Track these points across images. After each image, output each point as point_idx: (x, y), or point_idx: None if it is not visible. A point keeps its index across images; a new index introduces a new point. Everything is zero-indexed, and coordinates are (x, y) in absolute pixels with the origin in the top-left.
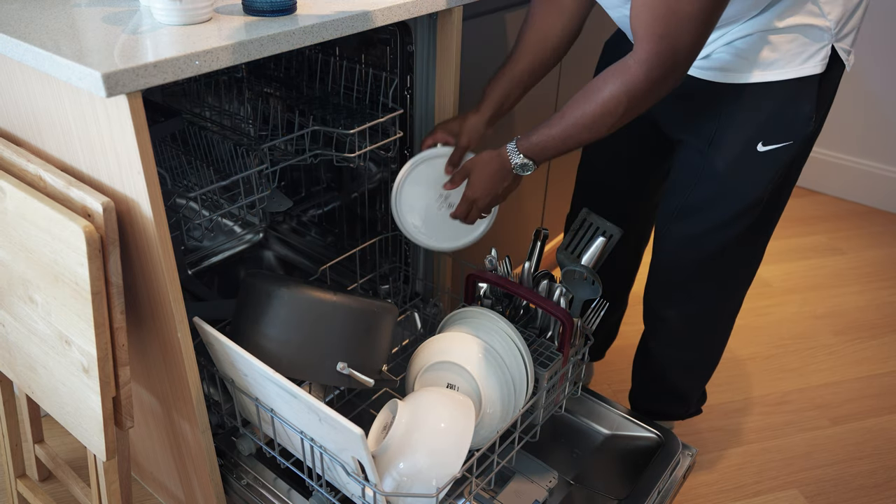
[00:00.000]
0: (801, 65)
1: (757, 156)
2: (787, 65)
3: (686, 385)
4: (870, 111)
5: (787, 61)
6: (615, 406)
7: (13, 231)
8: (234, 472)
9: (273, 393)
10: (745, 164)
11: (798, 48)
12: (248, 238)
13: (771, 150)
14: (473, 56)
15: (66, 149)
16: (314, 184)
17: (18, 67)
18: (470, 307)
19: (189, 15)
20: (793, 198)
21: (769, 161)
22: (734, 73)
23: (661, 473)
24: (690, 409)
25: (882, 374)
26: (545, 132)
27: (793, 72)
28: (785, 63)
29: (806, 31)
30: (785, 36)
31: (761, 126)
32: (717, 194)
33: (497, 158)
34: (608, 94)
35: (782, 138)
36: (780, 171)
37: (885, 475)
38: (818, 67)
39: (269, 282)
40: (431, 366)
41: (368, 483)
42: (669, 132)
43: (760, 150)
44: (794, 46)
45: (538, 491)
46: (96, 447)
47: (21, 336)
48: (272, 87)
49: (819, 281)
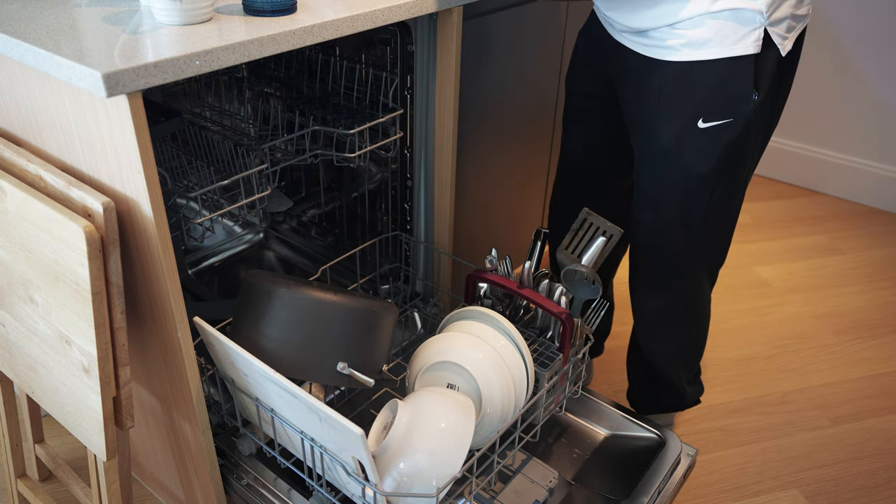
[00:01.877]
0: (735, 44)
1: (698, 132)
2: (721, 43)
3: (675, 372)
4: (870, 111)
5: (721, 40)
6: (615, 406)
7: (13, 231)
8: (235, 472)
9: (273, 393)
10: (688, 141)
11: (731, 29)
12: (249, 238)
13: (711, 126)
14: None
15: (66, 149)
16: (314, 184)
17: (19, 67)
18: (470, 307)
19: (189, 15)
20: (793, 198)
21: (710, 138)
22: (673, 52)
23: (661, 473)
24: (686, 398)
25: (882, 374)
26: None
27: (727, 50)
28: (719, 41)
29: (739, 13)
30: (720, 17)
31: (700, 102)
32: (664, 173)
33: None
34: None
35: (722, 115)
36: (724, 149)
37: (885, 475)
38: (751, 48)
39: (269, 282)
40: (431, 366)
41: (368, 483)
42: (626, 114)
43: (701, 126)
44: (727, 27)
45: (538, 491)
46: (96, 447)
47: (21, 336)
48: (272, 87)
49: (819, 281)
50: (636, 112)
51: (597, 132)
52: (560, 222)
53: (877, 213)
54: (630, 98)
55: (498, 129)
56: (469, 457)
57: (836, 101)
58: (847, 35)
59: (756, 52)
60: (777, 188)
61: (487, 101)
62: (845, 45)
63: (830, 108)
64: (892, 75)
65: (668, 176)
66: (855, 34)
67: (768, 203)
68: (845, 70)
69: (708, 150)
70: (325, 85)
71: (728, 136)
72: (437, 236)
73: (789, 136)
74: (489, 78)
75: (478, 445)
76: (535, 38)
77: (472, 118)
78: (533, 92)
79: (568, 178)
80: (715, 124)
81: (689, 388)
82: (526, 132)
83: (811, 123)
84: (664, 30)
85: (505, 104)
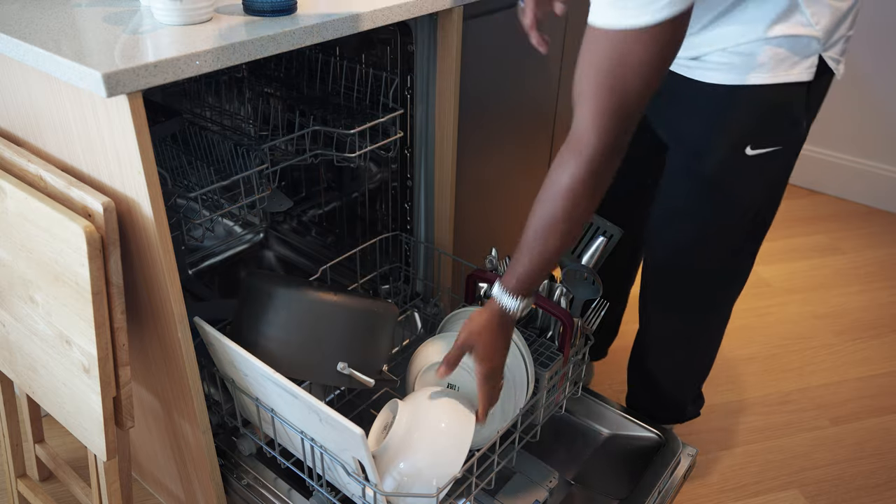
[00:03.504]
0: (789, 70)
1: (745, 160)
2: (774, 69)
3: (678, 391)
4: (870, 111)
5: (775, 66)
6: (615, 406)
7: (14, 231)
8: (235, 472)
9: (273, 393)
10: (734, 168)
11: (786, 55)
12: (249, 238)
13: (760, 154)
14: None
15: (66, 149)
16: (314, 184)
17: (19, 67)
18: (470, 307)
19: (189, 15)
20: (793, 198)
21: (758, 166)
22: (724, 75)
23: (661, 473)
24: (685, 414)
25: (883, 374)
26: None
27: (782, 76)
28: (773, 67)
29: (795, 40)
30: (775, 43)
31: (750, 129)
32: (705, 199)
33: (493, 316)
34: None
35: (771, 143)
36: (769, 177)
37: (885, 475)
38: (805, 75)
39: (269, 282)
40: (432, 366)
41: (369, 483)
42: (661, 134)
43: (749, 153)
44: (782, 53)
45: (538, 491)
46: (97, 447)
47: (22, 336)
48: (272, 87)
49: (819, 281)
50: (677, 133)
51: None
52: None
53: (877, 213)
54: (672, 118)
55: (498, 129)
56: (469, 457)
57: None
58: None
59: (810, 79)
60: None
61: (488, 101)
62: None
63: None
64: (891, 75)
65: (706, 200)
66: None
67: None
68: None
69: (754, 177)
70: (326, 85)
71: (775, 165)
72: (438, 236)
73: None
74: (489, 78)
75: (478, 445)
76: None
77: (472, 118)
78: (533, 92)
79: None
80: (763, 152)
81: (691, 405)
82: (526, 132)
83: None
84: (715, 53)
85: (505, 104)
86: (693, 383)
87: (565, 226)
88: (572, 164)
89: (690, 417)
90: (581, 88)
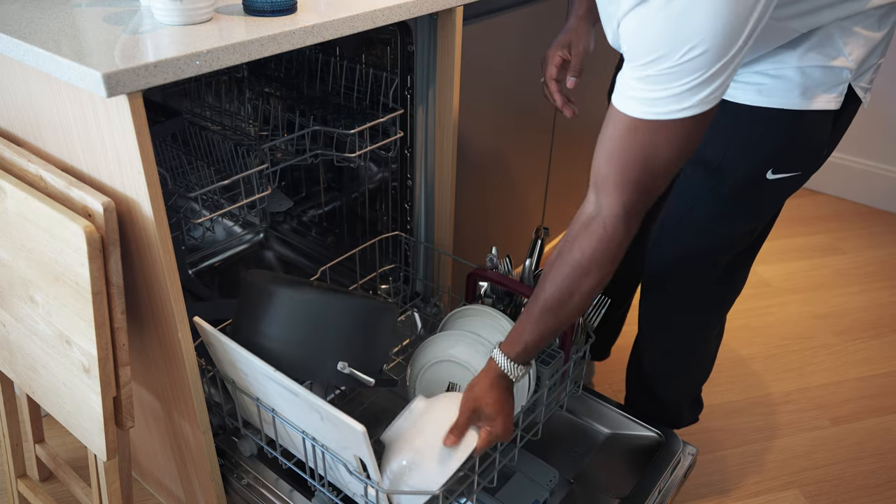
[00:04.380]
0: (818, 98)
1: (765, 183)
2: (804, 95)
3: (675, 396)
4: (870, 111)
5: (804, 93)
6: (616, 405)
7: (14, 231)
8: (235, 473)
9: (274, 392)
10: (752, 190)
11: (817, 83)
12: (249, 238)
13: (779, 178)
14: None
15: (66, 149)
16: (314, 184)
17: (19, 67)
18: (471, 306)
19: (190, 15)
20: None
21: (775, 189)
22: (753, 96)
23: (661, 473)
24: (683, 420)
25: (883, 374)
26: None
27: (810, 104)
28: (802, 94)
29: (828, 70)
30: (807, 71)
31: (774, 154)
32: (716, 215)
33: (495, 378)
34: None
35: (792, 168)
36: (782, 198)
37: (886, 475)
38: (833, 104)
39: (269, 281)
40: (432, 364)
41: (370, 481)
42: None
43: (770, 177)
44: (813, 80)
45: (539, 490)
46: (97, 447)
47: (22, 336)
48: (273, 87)
49: (820, 281)
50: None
51: None
52: None
53: (877, 213)
54: None
55: (498, 129)
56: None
57: None
58: None
59: (838, 108)
60: None
61: (488, 101)
62: None
63: None
64: (892, 75)
65: (721, 219)
66: None
67: None
68: None
69: (769, 199)
70: (326, 85)
71: (790, 189)
72: (438, 236)
73: None
74: (489, 78)
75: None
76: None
77: (472, 118)
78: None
79: None
80: (783, 176)
81: (688, 412)
82: (526, 132)
83: None
84: (746, 74)
85: (505, 104)
86: (690, 388)
87: (580, 302)
88: (593, 244)
89: (688, 423)
90: (606, 173)
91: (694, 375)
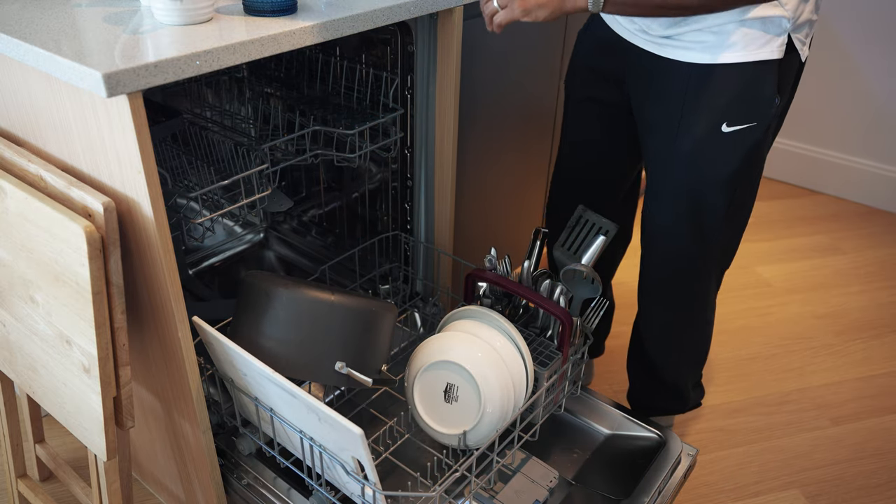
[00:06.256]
0: (760, 48)
1: (722, 137)
2: (746, 47)
3: (678, 377)
4: (870, 111)
5: (746, 44)
6: (615, 406)
7: (14, 231)
8: (235, 472)
9: (272, 392)
10: (711, 145)
11: (758, 34)
12: (249, 238)
13: (735, 130)
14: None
15: (66, 149)
16: (314, 184)
17: (19, 67)
18: (469, 306)
19: (190, 15)
20: (793, 198)
21: (734, 142)
22: (697, 54)
23: (661, 473)
24: (688, 402)
25: (883, 374)
26: None
27: (753, 55)
28: (744, 45)
29: (768, 20)
30: (748, 24)
31: (725, 106)
32: (686, 178)
33: None
34: None
35: (746, 119)
36: (746, 154)
37: (886, 475)
38: (776, 53)
39: (268, 282)
40: (431, 365)
41: (368, 482)
42: (640, 116)
43: (725, 130)
44: (754, 32)
45: (538, 491)
46: (97, 447)
47: (22, 336)
48: (273, 87)
49: (820, 281)
50: (654, 114)
51: (598, 135)
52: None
53: (877, 213)
54: (647, 100)
55: (498, 129)
56: (468, 456)
57: (836, 101)
58: (847, 35)
59: (780, 57)
60: (777, 188)
61: (488, 101)
62: (845, 44)
63: (830, 108)
64: (892, 75)
65: (687, 180)
66: (855, 34)
67: (768, 203)
68: (845, 70)
69: (731, 154)
70: (326, 85)
71: (750, 141)
72: (437, 236)
73: (789, 136)
74: (489, 78)
75: (477, 444)
76: (536, 39)
77: (472, 118)
78: (533, 92)
79: (567, 181)
80: (739, 128)
81: (691, 392)
82: (526, 132)
83: (811, 123)
84: (690, 33)
85: (505, 104)
86: (690, 367)
87: None
88: None
89: (693, 406)
90: None
91: (693, 354)
